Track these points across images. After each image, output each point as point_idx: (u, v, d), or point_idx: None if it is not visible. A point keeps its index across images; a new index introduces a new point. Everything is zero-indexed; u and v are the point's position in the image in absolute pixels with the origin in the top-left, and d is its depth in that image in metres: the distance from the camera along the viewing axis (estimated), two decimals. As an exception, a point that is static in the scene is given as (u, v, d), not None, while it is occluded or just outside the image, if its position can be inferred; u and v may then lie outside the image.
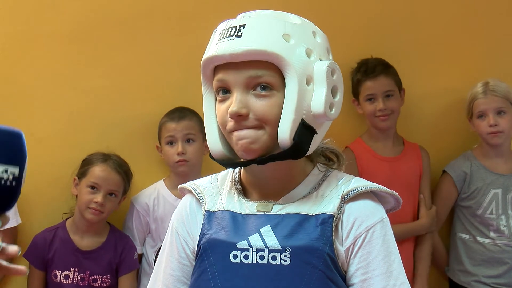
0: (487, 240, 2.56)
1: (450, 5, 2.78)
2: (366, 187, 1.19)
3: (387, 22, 2.73)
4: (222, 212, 1.22)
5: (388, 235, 1.17)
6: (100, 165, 2.36)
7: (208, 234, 1.20)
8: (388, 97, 2.55)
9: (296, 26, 1.16)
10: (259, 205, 1.20)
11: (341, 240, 1.16)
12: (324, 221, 1.15)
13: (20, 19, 2.50)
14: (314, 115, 1.14)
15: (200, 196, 1.26)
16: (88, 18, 2.52)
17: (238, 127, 1.14)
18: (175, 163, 2.43)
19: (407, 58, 2.70)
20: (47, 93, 2.51)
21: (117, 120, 2.55)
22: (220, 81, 1.17)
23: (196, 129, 2.45)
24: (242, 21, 1.16)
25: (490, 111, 2.53)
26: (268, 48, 1.12)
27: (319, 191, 1.20)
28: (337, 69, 1.18)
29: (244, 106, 1.13)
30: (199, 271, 1.20)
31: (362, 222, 1.16)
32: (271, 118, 1.13)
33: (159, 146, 2.50)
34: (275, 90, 1.14)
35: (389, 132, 2.62)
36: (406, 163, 2.60)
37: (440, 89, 2.76)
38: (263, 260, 1.14)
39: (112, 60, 2.54)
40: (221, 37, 1.17)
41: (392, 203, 1.25)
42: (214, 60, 1.17)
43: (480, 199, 2.58)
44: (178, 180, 2.49)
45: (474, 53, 2.79)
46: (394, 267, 1.15)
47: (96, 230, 2.40)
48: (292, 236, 1.14)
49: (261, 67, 1.13)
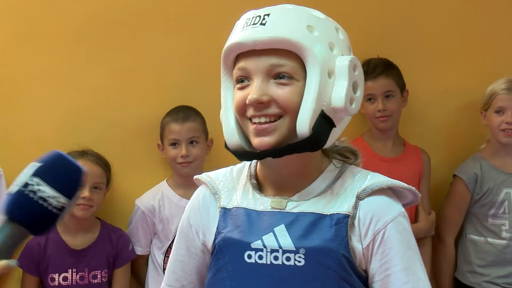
0: (498, 241, 2.54)
1: (455, 5, 2.76)
2: (382, 183, 1.18)
3: (390, 22, 2.73)
4: (237, 209, 1.21)
5: (407, 230, 1.17)
6: (79, 161, 2.35)
7: (224, 232, 1.20)
8: (388, 98, 2.54)
9: (320, 19, 1.17)
10: (273, 201, 1.19)
11: (358, 238, 1.15)
12: (339, 221, 1.14)
13: (20, 19, 2.50)
14: (334, 109, 1.14)
15: (216, 191, 1.26)
16: (88, 18, 2.52)
17: (258, 114, 1.13)
18: (178, 164, 2.43)
19: (411, 59, 2.69)
20: (47, 93, 2.51)
21: (117, 120, 2.55)
22: (241, 69, 1.16)
23: (199, 131, 2.45)
24: (267, 11, 1.16)
25: (510, 108, 2.51)
26: (292, 37, 1.11)
27: (334, 188, 1.19)
28: (358, 65, 1.18)
29: (265, 93, 1.12)
30: (215, 269, 1.20)
31: (379, 218, 1.15)
32: (291, 106, 1.12)
33: (160, 145, 2.50)
34: (296, 80, 1.13)
35: (389, 133, 2.61)
36: (405, 164, 2.59)
37: (446, 90, 2.74)
38: (277, 260, 1.14)
39: (112, 60, 2.54)
40: (245, 25, 1.16)
41: (409, 197, 1.23)
42: (236, 47, 1.16)
43: (492, 199, 2.56)
44: (180, 180, 2.49)
45: (480, 54, 2.77)
46: (414, 261, 1.15)
47: (87, 227, 2.40)
48: (307, 237, 1.14)
49: (283, 56, 1.13)
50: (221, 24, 2.57)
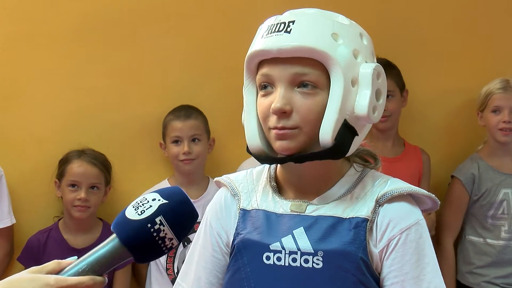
0: (498, 242, 2.54)
1: (455, 5, 2.76)
2: (401, 189, 1.18)
3: (390, 22, 2.73)
4: (257, 211, 1.22)
5: (424, 238, 1.16)
6: (76, 162, 2.37)
7: (243, 234, 1.21)
8: (388, 98, 2.53)
9: (344, 26, 1.16)
10: (293, 204, 1.19)
11: (375, 242, 1.15)
12: (358, 224, 1.14)
13: (20, 19, 2.50)
14: (357, 117, 1.14)
15: (235, 192, 1.26)
16: (88, 18, 2.52)
17: (279, 126, 1.13)
18: (180, 161, 2.43)
19: (411, 59, 2.69)
20: (47, 93, 2.51)
21: (117, 120, 2.55)
22: (265, 76, 1.16)
23: (201, 129, 2.46)
24: (291, 17, 1.15)
25: (506, 107, 2.52)
26: (317, 46, 1.11)
27: (354, 192, 1.19)
28: (382, 73, 1.17)
29: (288, 102, 1.12)
30: (233, 269, 1.21)
31: (396, 225, 1.15)
32: (312, 118, 1.12)
33: (162, 144, 2.50)
34: (319, 89, 1.13)
35: (389, 133, 2.61)
36: (405, 164, 2.59)
37: (446, 90, 2.74)
38: (295, 262, 1.15)
39: (112, 60, 2.54)
40: (269, 32, 1.15)
41: (429, 204, 1.22)
42: (260, 54, 1.16)
43: (491, 200, 2.56)
44: (182, 178, 2.50)
45: (480, 54, 2.77)
46: (428, 270, 1.14)
47: (88, 227, 2.40)
48: (325, 240, 1.14)
49: (308, 65, 1.13)
50: (220, 25, 2.60)
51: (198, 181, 2.52)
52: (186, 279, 1.28)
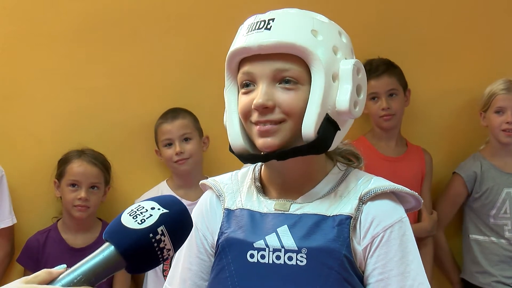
0: (502, 241, 2.54)
1: (455, 5, 2.76)
2: (385, 187, 1.19)
3: (390, 22, 2.73)
4: (241, 210, 1.22)
5: (407, 235, 1.16)
6: (76, 161, 2.37)
7: (227, 232, 1.21)
8: (392, 97, 2.54)
9: (323, 23, 1.18)
10: (277, 203, 1.20)
11: (359, 240, 1.15)
12: (341, 222, 1.15)
13: (20, 19, 2.50)
14: (339, 112, 1.15)
15: (220, 193, 1.27)
16: (88, 18, 2.52)
17: (262, 119, 1.14)
18: (174, 163, 2.43)
19: (411, 59, 2.69)
20: (47, 93, 2.51)
21: (117, 120, 2.55)
22: (246, 74, 1.17)
23: (191, 127, 2.46)
24: (271, 15, 1.17)
25: (510, 108, 2.52)
26: (297, 41, 1.12)
27: (337, 191, 1.20)
28: (361, 69, 1.19)
29: (270, 98, 1.13)
30: (218, 269, 1.21)
31: (380, 222, 1.15)
32: (295, 111, 1.13)
33: (158, 150, 2.50)
34: (301, 84, 1.14)
35: (392, 132, 2.61)
36: (407, 164, 2.59)
37: (446, 90, 2.74)
38: (279, 260, 1.15)
39: (112, 60, 2.54)
40: (250, 30, 1.17)
41: (412, 203, 1.24)
42: (241, 51, 1.17)
43: (493, 199, 2.56)
44: (180, 180, 2.50)
45: (481, 54, 2.77)
46: (412, 267, 1.14)
47: (87, 227, 2.40)
48: (309, 237, 1.15)
49: (289, 61, 1.14)
50: (220, 25, 2.60)
51: (197, 182, 2.45)
52: (173, 282, 1.29)
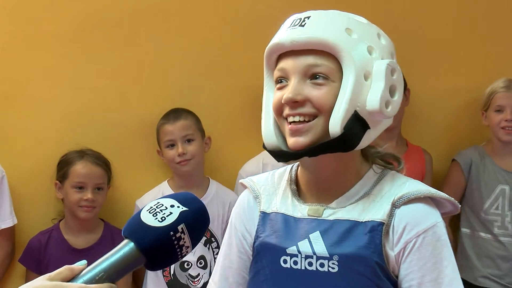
0: (489, 236, 2.56)
1: (455, 5, 2.76)
2: (419, 192, 1.17)
3: (390, 22, 2.72)
4: (276, 214, 1.24)
5: (442, 240, 1.15)
6: (79, 163, 2.37)
7: (262, 237, 1.23)
8: None
9: (360, 24, 1.19)
10: (310, 209, 1.20)
11: (391, 245, 1.15)
12: (373, 228, 1.15)
13: (20, 19, 2.50)
14: (369, 111, 1.14)
15: (257, 194, 1.28)
16: (88, 18, 2.52)
17: (292, 112, 1.15)
18: (177, 164, 2.43)
19: (411, 59, 2.69)
20: (47, 93, 2.51)
21: (117, 120, 2.55)
22: (280, 70, 1.18)
23: (193, 128, 2.45)
24: (308, 14, 1.19)
25: (509, 106, 2.53)
26: (329, 38, 1.14)
27: (371, 195, 1.19)
28: (397, 69, 1.18)
29: (300, 93, 1.14)
30: (254, 271, 1.24)
31: (413, 227, 1.14)
32: (326, 107, 1.14)
33: (159, 150, 2.50)
34: (332, 81, 1.15)
35: (393, 132, 2.61)
36: (408, 164, 2.58)
37: (446, 90, 2.75)
38: (311, 266, 1.16)
39: (112, 60, 2.54)
40: (286, 27, 1.19)
41: (449, 207, 1.22)
42: (276, 47, 1.19)
43: (487, 194, 2.57)
44: (181, 181, 2.50)
45: (481, 54, 2.77)
46: (446, 273, 1.13)
47: (89, 228, 2.41)
48: (341, 244, 1.15)
49: (320, 57, 1.15)
50: (220, 25, 2.60)
51: (198, 183, 2.51)
52: (215, 278, 1.32)
